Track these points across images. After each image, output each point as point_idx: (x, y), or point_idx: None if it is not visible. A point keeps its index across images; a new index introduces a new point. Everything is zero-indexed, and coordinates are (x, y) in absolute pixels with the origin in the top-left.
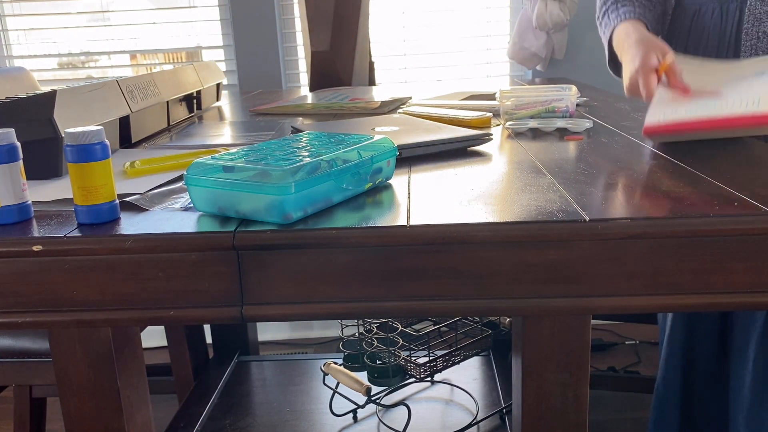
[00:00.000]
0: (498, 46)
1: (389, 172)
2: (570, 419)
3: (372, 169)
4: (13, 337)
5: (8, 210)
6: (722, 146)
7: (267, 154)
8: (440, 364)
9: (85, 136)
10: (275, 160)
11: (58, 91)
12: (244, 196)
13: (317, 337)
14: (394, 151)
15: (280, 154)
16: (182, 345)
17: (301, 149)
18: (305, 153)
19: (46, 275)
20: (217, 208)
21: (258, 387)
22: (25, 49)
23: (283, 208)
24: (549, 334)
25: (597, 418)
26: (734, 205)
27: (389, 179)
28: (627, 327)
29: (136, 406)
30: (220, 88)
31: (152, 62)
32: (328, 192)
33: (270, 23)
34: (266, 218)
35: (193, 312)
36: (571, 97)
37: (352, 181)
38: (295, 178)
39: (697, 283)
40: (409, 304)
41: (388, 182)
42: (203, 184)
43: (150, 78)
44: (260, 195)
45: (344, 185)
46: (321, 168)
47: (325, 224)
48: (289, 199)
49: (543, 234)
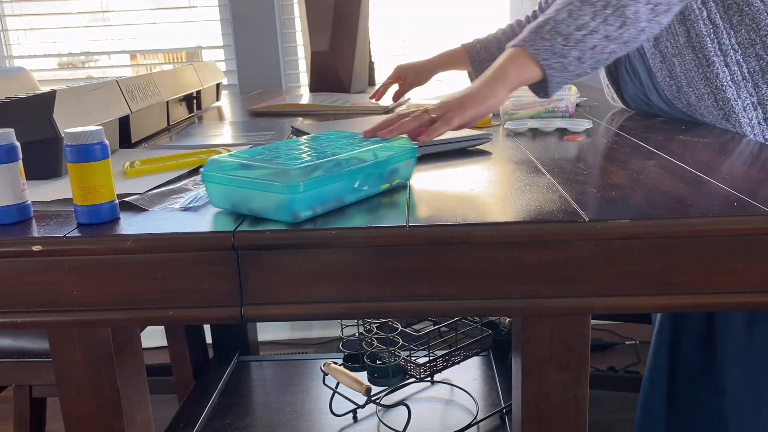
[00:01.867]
0: None
1: (408, 173)
2: (570, 419)
3: (388, 170)
4: (13, 337)
5: (8, 210)
6: (722, 146)
7: (282, 153)
8: (440, 364)
9: (84, 136)
10: (288, 159)
11: (58, 91)
12: (255, 194)
13: (317, 337)
14: (414, 151)
15: (294, 153)
16: (182, 345)
17: (316, 149)
18: (319, 153)
19: (45, 275)
20: (230, 205)
21: (258, 387)
22: (25, 49)
23: (292, 207)
24: (549, 334)
25: (597, 418)
26: (734, 205)
27: (408, 180)
28: (627, 327)
29: (136, 406)
30: (220, 88)
31: (152, 62)
32: (339, 192)
33: (270, 23)
34: (275, 217)
35: (193, 312)
36: (570, 97)
37: (366, 182)
38: (304, 177)
39: (697, 283)
40: (409, 304)
41: (406, 183)
42: (218, 180)
43: (150, 78)
44: (270, 194)
45: (357, 186)
46: (333, 168)
47: (334, 224)
48: (297, 198)
49: (543, 234)
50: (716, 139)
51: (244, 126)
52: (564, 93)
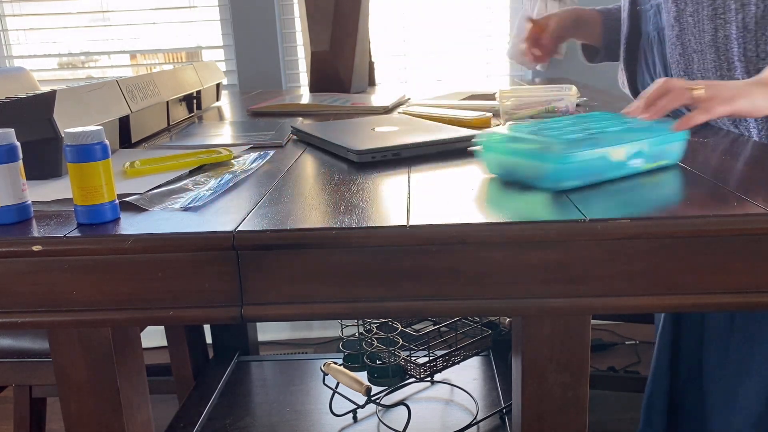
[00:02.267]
0: (498, 46)
1: (675, 154)
2: (570, 419)
3: (654, 149)
4: (13, 337)
5: (8, 210)
6: (725, 147)
7: (551, 127)
8: (440, 364)
9: (84, 136)
10: (556, 132)
11: (58, 91)
12: (524, 164)
13: (317, 337)
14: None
15: (567, 129)
16: (182, 345)
17: (585, 126)
18: (587, 129)
19: (45, 275)
20: (504, 173)
21: (258, 387)
22: (25, 49)
23: (555, 177)
24: (549, 334)
25: (597, 418)
26: (734, 205)
27: (676, 161)
28: (627, 327)
29: (136, 406)
30: (220, 88)
31: (152, 62)
32: (601, 167)
33: (270, 23)
34: (540, 185)
35: (193, 312)
36: (571, 97)
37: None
38: (568, 149)
39: (697, 283)
40: (409, 304)
41: (672, 164)
42: (494, 150)
43: (150, 78)
44: (536, 163)
45: (620, 162)
46: (596, 144)
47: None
48: (560, 169)
49: (543, 234)
50: (720, 140)
51: (244, 126)
52: (564, 93)
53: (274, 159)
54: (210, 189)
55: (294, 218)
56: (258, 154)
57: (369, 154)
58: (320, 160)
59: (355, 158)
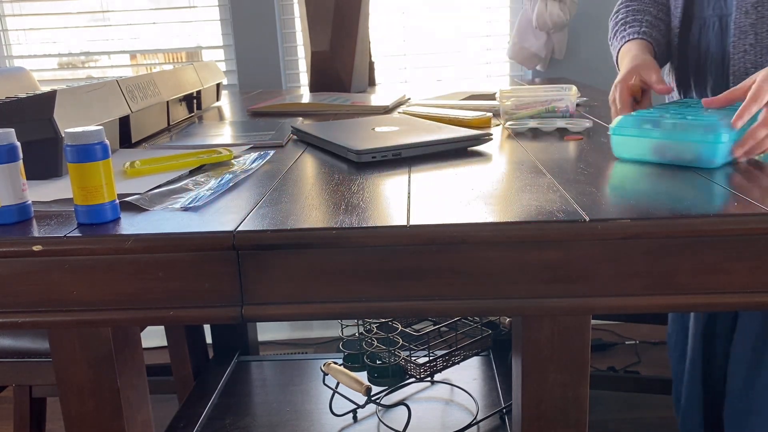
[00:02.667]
0: (498, 46)
1: None
2: (570, 419)
3: None
4: (13, 337)
5: (8, 210)
6: None
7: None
8: (440, 364)
9: (85, 136)
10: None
11: (58, 91)
12: (672, 145)
13: (317, 337)
14: None
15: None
16: (182, 345)
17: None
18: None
19: (46, 275)
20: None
21: (258, 387)
22: (25, 49)
23: (712, 153)
24: (549, 334)
25: (597, 418)
26: (734, 205)
27: None
28: (627, 327)
29: (136, 406)
30: (220, 88)
31: (152, 62)
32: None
33: (270, 23)
34: (693, 164)
35: (193, 312)
36: (571, 97)
37: None
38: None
39: (697, 283)
40: (409, 304)
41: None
42: (630, 134)
43: (150, 78)
44: (690, 143)
45: None
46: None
47: None
48: (719, 147)
49: (543, 234)
50: None
51: (244, 126)
52: (564, 93)
53: (274, 159)
54: (210, 189)
55: (294, 218)
56: (258, 154)
57: (369, 154)
58: (320, 160)
59: (355, 158)
